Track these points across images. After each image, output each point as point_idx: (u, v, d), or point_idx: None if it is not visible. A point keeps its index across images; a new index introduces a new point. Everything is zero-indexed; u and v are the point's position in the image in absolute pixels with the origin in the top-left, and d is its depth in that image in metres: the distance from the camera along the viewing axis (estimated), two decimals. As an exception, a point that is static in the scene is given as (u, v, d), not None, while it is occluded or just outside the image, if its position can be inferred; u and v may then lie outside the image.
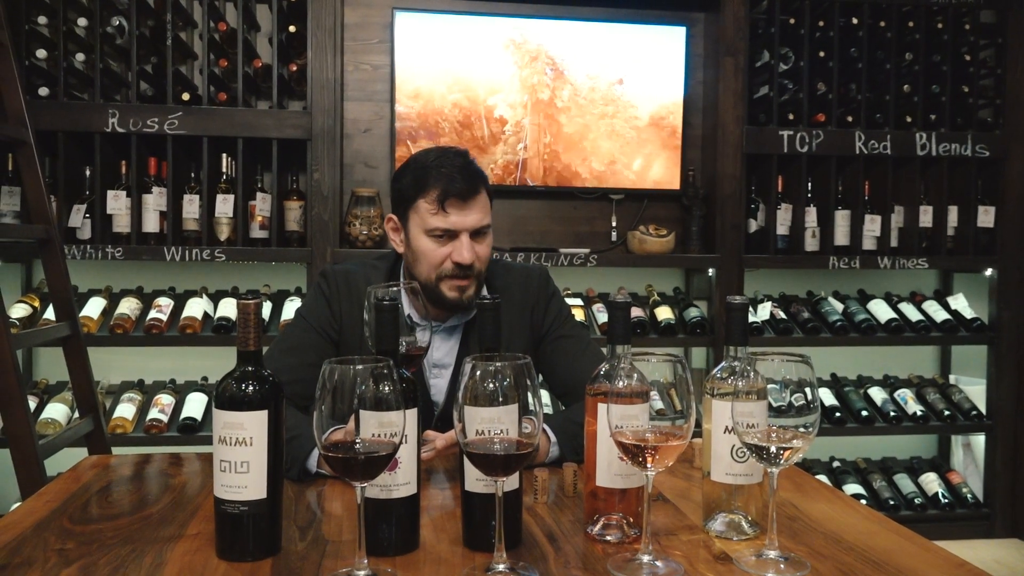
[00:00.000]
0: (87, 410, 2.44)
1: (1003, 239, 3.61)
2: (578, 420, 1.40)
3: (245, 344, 1.11)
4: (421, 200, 1.63)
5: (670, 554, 1.13)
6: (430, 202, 1.61)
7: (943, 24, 3.50)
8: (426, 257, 1.65)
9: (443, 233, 1.62)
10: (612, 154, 3.42)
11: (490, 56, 3.33)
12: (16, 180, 2.99)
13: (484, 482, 1.13)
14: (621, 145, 3.42)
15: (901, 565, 1.10)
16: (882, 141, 3.48)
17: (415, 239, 1.66)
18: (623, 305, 1.18)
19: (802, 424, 1.08)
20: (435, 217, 1.61)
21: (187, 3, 3.19)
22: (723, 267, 3.40)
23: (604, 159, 3.42)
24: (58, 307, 2.42)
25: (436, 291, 1.65)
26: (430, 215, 1.62)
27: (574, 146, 3.40)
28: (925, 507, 3.50)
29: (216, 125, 3.08)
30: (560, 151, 3.39)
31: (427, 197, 1.62)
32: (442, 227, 1.62)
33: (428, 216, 1.62)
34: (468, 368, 1.02)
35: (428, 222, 1.62)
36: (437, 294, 1.65)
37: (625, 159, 3.43)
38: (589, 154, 3.41)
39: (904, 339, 3.51)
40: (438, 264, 1.64)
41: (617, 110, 3.41)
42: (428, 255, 1.64)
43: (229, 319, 3.07)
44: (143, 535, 1.20)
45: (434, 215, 1.61)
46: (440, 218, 1.61)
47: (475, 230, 1.64)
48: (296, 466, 1.45)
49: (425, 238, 1.64)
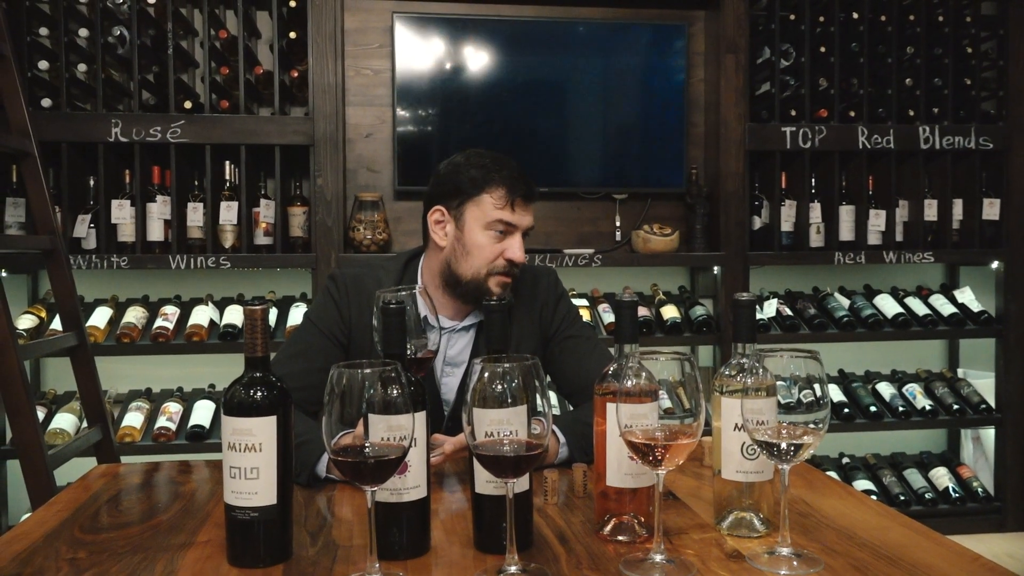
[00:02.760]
0: (95, 419, 2.44)
1: (1009, 231, 3.59)
2: (587, 420, 1.40)
3: (253, 350, 1.11)
4: (486, 194, 1.65)
5: (682, 553, 1.13)
6: (498, 197, 1.65)
7: (944, 17, 3.49)
8: (481, 251, 1.67)
9: (504, 228, 1.66)
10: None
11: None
12: (20, 191, 3.00)
13: (494, 484, 1.12)
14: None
15: (916, 560, 1.10)
16: (885, 135, 3.47)
17: (471, 232, 1.67)
18: (630, 304, 1.18)
19: (812, 420, 1.07)
20: (502, 211, 1.65)
21: (187, 12, 3.20)
22: (728, 265, 3.40)
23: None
24: (65, 317, 2.42)
25: (483, 285, 1.67)
26: (496, 208, 1.65)
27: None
28: (936, 502, 3.48)
29: (219, 133, 3.08)
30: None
31: (494, 192, 1.65)
32: (507, 220, 1.65)
33: (493, 209, 1.65)
34: (476, 370, 1.02)
35: (492, 215, 1.65)
36: (483, 288, 1.68)
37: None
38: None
39: (911, 334, 3.50)
40: (491, 259, 1.67)
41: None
42: (483, 249, 1.67)
43: (235, 326, 3.07)
44: (154, 543, 1.20)
45: (500, 209, 1.65)
46: (507, 212, 1.65)
47: (525, 231, 1.70)
48: (306, 471, 1.45)
49: (482, 232, 1.66)
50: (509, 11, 3.43)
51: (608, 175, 3.45)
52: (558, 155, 3.40)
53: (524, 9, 3.44)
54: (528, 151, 3.34)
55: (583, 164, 3.44)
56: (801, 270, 3.71)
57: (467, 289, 1.68)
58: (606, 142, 3.44)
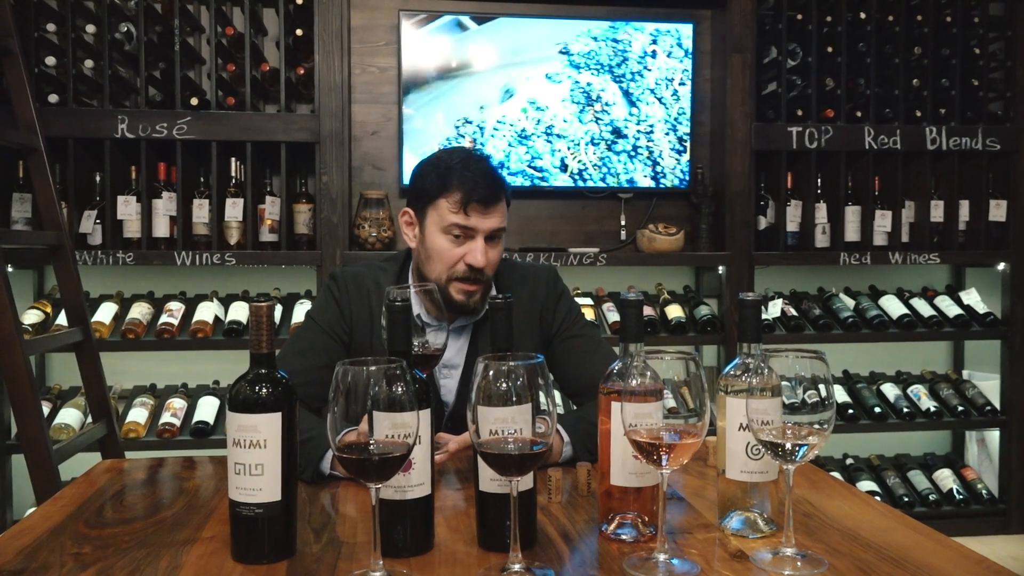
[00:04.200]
0: (100, 415, 2.45)
1: (1015, 233, 3.58)
2: (591, 419, 1.40)
3: (258, 347, 1.11)
4: (443, 199, 1.63)
5: (686, 552, 1.13)
6: (453, 202, 1.62)
7: (952, 17, 3.48)
8: (440, 256, 1.65)
9: (460, 232, 1.63)
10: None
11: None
12: (27, 187, 3.01)
13: (498, 482, 1.12)
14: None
15: (920, 562, 1.10)
16: (892, 136, 3.46)
17: (431, 236, 1.66)
18: (635, 303, 1.18)
19: (817, 421, 1.07)
20: (456, 215, 1.62)
21: (194, 8, 3.21)
22: (733, 265, 3.39)
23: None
24: (70, 313, 2.43)
25: (444, 292, 1.64)
26: (450, 213, 1.62)
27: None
28: (940, 504, 3.48)
29: (225, 129, 3.09)
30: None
31: (450, 198, 1.62)
32: (461, 224, 1.62)
33: (448, 214, 1.62)
34: (481, 368, 1.02)
35: (447, 218, 1.63)
36: (445, 296, 1.64)
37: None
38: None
39: (916, 335, 3.49)
40: (451, 264, 1.64)
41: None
42: (442, 254, 1.64)
43: (240, 322, 3.08)
44: (158, 539, 1.20)
45: (454, 213, 1.62)
46: (461, 217, 1.62)
47: (490, 234, 1.65)
48: (310, 468, 1.45)
49: (441, 236, 1.64)
50: (516, 8, 3.43)
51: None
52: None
53: (531, 7, 3.44)
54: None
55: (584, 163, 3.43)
56: (806, 270, 3.70)
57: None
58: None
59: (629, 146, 3.41)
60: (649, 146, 3.42)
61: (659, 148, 3.42)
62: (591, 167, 3.39)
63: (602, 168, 3.40)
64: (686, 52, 3.42)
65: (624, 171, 3.41)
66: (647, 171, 3.42)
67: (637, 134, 3.41)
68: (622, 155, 3.40)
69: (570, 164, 3.36)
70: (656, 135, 3.42)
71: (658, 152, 3.41)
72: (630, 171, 3.42)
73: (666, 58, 3.40)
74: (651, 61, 3.39)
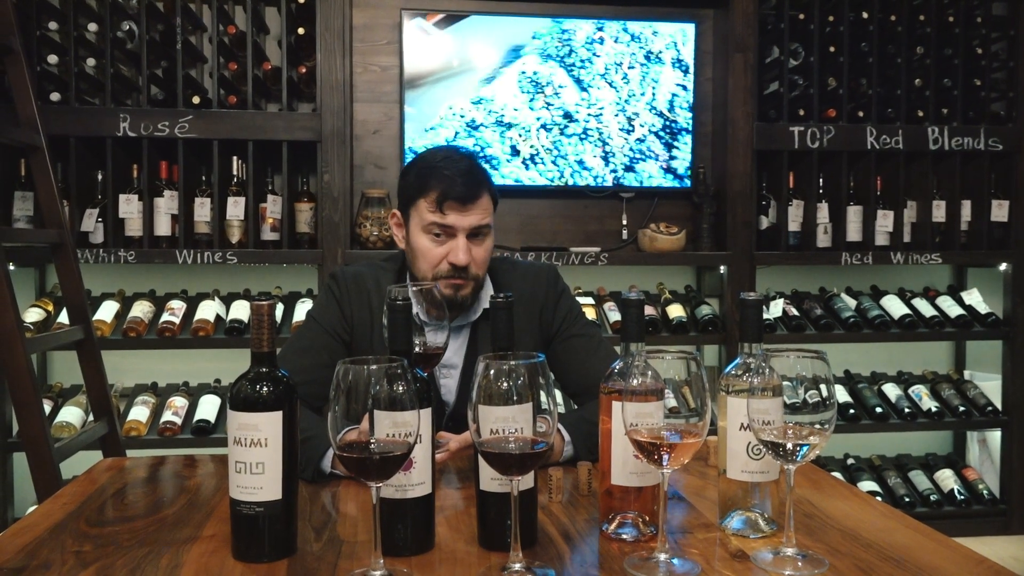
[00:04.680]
0: (101, 413, 2.45)
1: (1017, 233, 3.58)
2: (592, 419, 1.40)
3: (259, 345, 1.11)
4: (422, 199, 1.65)
5: (687, 552, 1.13)
6: (430, 202, 1.63)
7: (954, 17, 3.48)
8: (423, 255, 1.66)
9: (440, 231, 1.64)
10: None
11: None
12: (29, 185, 3.01)
13: (499, 481, 1.12)
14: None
15: (921, 562, 1.09)
16: (894, 136, 3.45)
17: (414, 236, 1.68)
18: (636, 303, 1.18)
19: (818, 421, 1.07)
20: (433, 214, 1.63)
21: (196, 7, 3.21)
22: (734, 264, 3.39)
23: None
24: (72, 311, 2.43)
25: None
26: (428, 212, 1.64)
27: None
28: (941, 504, 3.48)
29: (226, 128, 3.09)
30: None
31: (427, 197, 1.64)
32: (439, 223, 1.63)
33: (427, 213, 1.64)
34: (482, 367, 1.02)
35: (426, 218, 1.64)
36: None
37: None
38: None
39: (918, 335, 3.49)
40: (435, 263, 1.66)
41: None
42: (426, 253, 1.66)
43: (241, 321, 3.08)
44: (159, 537, 1.20)
45: (432, 213, 1.63)
46: (438, 215, 1.63)
47: (472, 231, 1.65)
48: (311, 467, 1.45)
49: (423, 236, 1.66)
50: (517, 8, 3.42)
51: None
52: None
53: (532, 6, 3.44)
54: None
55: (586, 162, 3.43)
56: (808, 270, 3.70)
57: (423, 292, 1.67)
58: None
59: (580, 129, 3.40)
60: (599, 128, 3.41)
61: (608, 130, 3.40)
62: (543, 151, 3.36)
63: (553, 151, 3.37)
64: (632, 37, 3.38)
65: (574, 153, 3.39)
66: (596, 152, 3.40)
67: (587, 117, 3.40)
68: (573, 138, 3.38)
69: (522, 149, 3.34)
70: (605, 117, 3.41)
71: (607, 133, 3.40)
72: (580, 153, 3.40)
73: (613, 43, 3.37)
74: (599, 47, 3.38)
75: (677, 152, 3.44)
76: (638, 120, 3.41)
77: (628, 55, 3.37)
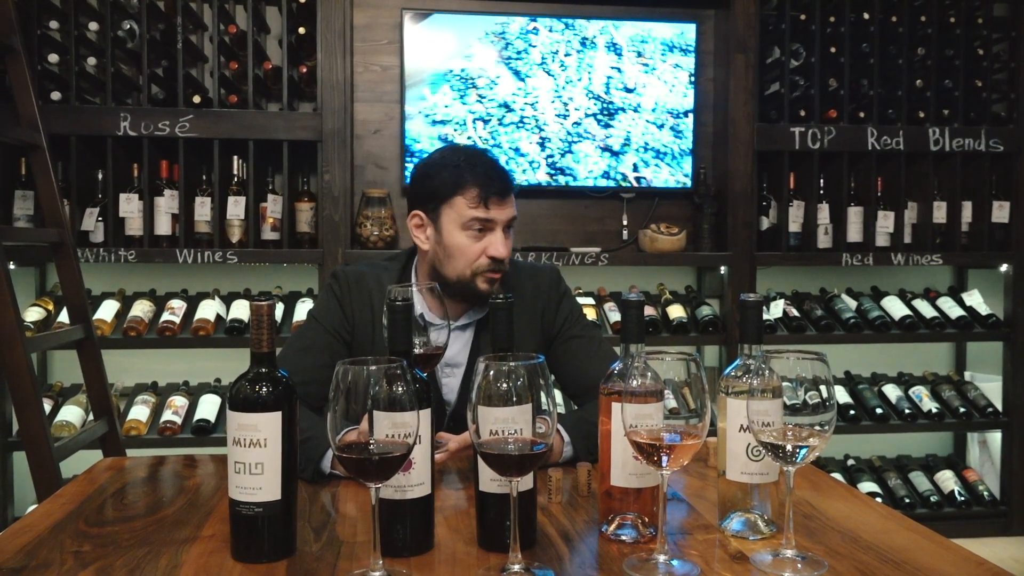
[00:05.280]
0: (101, 412, 2.45)
1: (1018, 234, 3.57)
2: (592, 420, 1.40)
3: (259, 346, 1.11)
4: (459, 196, 1.65)
5: (686, 554, 1.13)
6: (471, 198, 1.64)
7: (956, 18, 3.47)
8: (462, 252, 1.66)
9: (481, 226, 1.65)
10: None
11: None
12: (30, 184, 3.01)
13: (498, 482, 1.12)
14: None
15: (920, 564, 1.09)
16: (895, 137, 3.45)
17: (449, 235, 1.66)
18: (636, 303, 1.17)
19: (818, 422, 1.07)
20: (475, 210, 1.64)
21: (197, 6, 3.21)
22: (735, 265, 3.39)
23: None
24: (72, 310, 2.43)
25: (469, 285, 1.67)
26: (469, 208, 1.64)
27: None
28: (941, 505, 3.47)
29: (227, 127, 3.09)
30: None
31: (467, 194, 1.64)
32: (482, 217, 1.64)
33: (467, 209, 1.64)
34: (481, 368, 1.02)
35: (467, 214, 1.64)
36: (470, 288, 1.67)
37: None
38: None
39: (918, 336, 3.49)
40: (473, 259, 1.66)
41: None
42: (464, 250, 1.66)
43: (242, 321, 3.08)
44: (159, 537, 1.20)
45: (473, 208, 1.64)
46: (481, 210, 1.64)
47: (506, 224, 1.68)
48: (310, 467, 1.45)
49: (461, 233, 1.65)
50: (519, 8, 3.42)
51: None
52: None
53: (533, 6, 3.44)
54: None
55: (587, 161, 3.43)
56: (808, 271, 3.69)
57: (455, 290, 1.68)
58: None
59: (516, 118, 3.38)
60: (535, 116, 3.39)
61: (545, 117, 3.39)
62: (480, 142, 3.34)
63: (489, 141, 3.36)
64: (566, 25, 3.37)
65: (509, 142, 3.37)
66: (532, 138, 3.38)
67: (524, 106, 3.38)
68: (510, 127, 3.37)
69: (459, 142, 3.32)
70: (541, 104, 3.39)
71: (543, 121, 3.38)
72: (515, 141, 3.38)
73: (548, 32, 3.35)
74: (534, 38, 3.37)
75: (613, 131, 3.41)
76: (573, 104, 3.40)
77: (564, 43, 3.36)
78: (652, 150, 3.45)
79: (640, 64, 3.43)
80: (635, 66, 3.42)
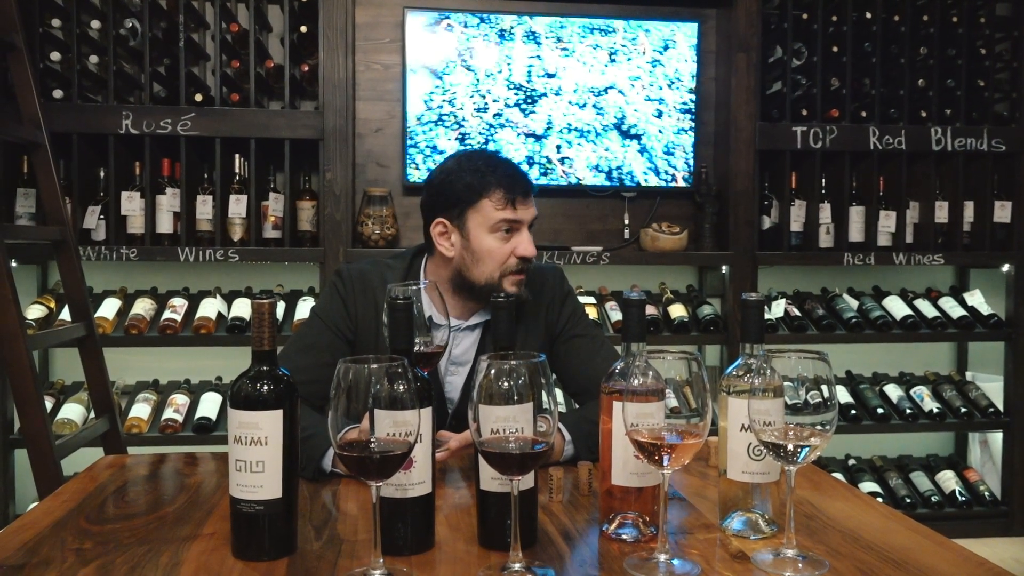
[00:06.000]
0: (103, 410, 2.45)
1: (1020, 234, 3.57)
2: (593, 419, 1.40)
3: (260, 344, 1.11)
4: (485, 199, 1.65)
5: (687, 553, 1.13)
6: (497, 200, 1.64)
7: (958, 18, 3.47)
8: (491, 255, 1.66)
9: (509, 227, 1.66)
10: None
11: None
12: (31, 182, 3.02)
13: (499, 481, 1.12)
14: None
15: (921, 563, 1.09)
16: (896, 136, 3.45)
17: (477, 239, 1.66)
18: (637, 303, 1.17)
19: (819, 422, 1.07)
20: (503, 211, 1.65)
21: (199, 5, 3.21)
22: (736, 264, 3.39)
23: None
24: (73, 308, 2.43)
25: (497, 287, 1.67)
26: (497, 211, 1.65)
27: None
28: (942, 505, 3.47)
29: (229, 126, 3.09)
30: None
31: (493, 196, 1.65)
32: (510, 218, 1.65)
33: (494, 212, 1.65)
34: (483, 367, 1.02)
35: (495, 216, 1.65)
36: (498, 290, 1.67)
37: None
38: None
39: (920, 336, 3.48)
40: (503, 260, 1.66)
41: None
42: (493, 252, 1.66)
43: (243, 319, 3.08)
44: (159, 535, 1.20)
45: (501, 210, 1.65)
46: (508, 211, 1.65)
47: (530, 223, 1.70)
48: (311, 465, 1.45)
49: (489, 236, 1.66)
50: (520, 7, 3.42)
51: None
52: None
53: (535, 5, 3.44)
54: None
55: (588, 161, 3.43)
56: (810, 270, 3.69)
57: (482, 293, 1.68)
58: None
59: (435, 116, 3.35)
60: (453, 112, 3.37)
61: (463, 113, 3.37)
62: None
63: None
64: (481, 19, 3.33)
65: (436, 136, 3.35)
66: (451, 135, 3.35)
67: (441, 103, 3.35)
68: (427, 125, 3.34)
69: None
70: (459, 99, 3.36)
71: (462, 117, 3.36)
72: (432, 139, 3.35)
73: (463, 28, 3.32)
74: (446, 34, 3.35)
75: (534, 116, 3.40)
76: (491, 96, 3.38)
77: (481, 37, 3.35)
78: (576, 130, 3.43)
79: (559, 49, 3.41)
80: (554, 52, 3.40)
